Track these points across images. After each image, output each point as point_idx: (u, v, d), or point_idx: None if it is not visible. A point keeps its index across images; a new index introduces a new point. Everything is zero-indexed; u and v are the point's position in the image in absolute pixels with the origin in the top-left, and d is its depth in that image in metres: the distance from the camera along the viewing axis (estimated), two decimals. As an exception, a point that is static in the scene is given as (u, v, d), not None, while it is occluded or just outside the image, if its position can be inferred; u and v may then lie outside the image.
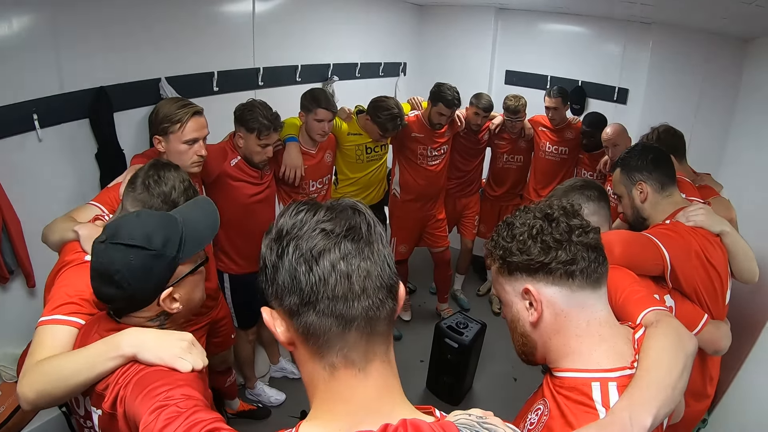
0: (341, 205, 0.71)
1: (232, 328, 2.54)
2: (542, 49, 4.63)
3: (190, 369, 1.05)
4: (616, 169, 1.86)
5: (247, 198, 2.54)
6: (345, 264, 0.65)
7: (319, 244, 0.66)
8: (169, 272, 1.14)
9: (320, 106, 2.71)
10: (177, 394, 0.93)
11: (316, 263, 0.65)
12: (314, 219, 0.68)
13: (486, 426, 0.70)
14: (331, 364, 0.69)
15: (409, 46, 4.98)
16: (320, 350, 0.69)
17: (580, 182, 1.72)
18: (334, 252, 0.66)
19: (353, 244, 0.67)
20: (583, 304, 0.98)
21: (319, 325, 0.67)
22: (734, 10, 2.66)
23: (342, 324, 0.67)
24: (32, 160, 2.18)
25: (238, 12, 3.12)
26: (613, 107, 4.23)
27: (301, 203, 0.72)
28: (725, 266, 1.71)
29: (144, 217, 1.17)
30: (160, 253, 1.10)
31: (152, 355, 1.05)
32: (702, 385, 1.80)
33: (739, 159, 3.48)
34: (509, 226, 1.03)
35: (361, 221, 0.69)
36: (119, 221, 1.16)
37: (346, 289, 0.66)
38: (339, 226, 0.67)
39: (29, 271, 2.21)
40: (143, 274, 1.09)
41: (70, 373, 1.09)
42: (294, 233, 0.68)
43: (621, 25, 4.17)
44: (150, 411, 0.89)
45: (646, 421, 0.88)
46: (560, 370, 1.00)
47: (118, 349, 1.07)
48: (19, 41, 2.07)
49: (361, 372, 0.69)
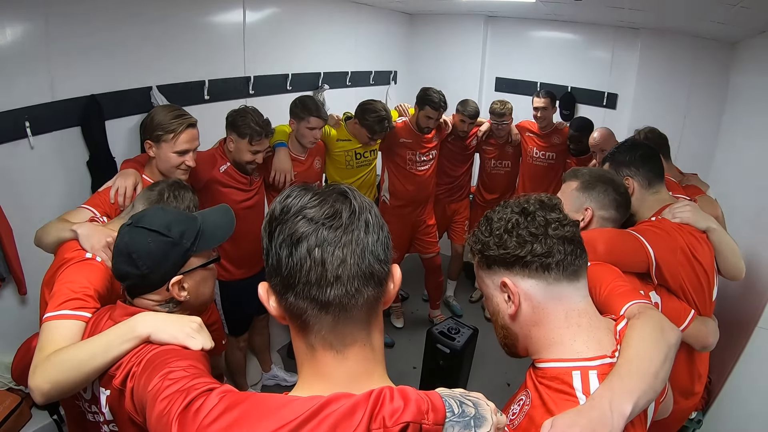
0: (330, 191, 0.74)
1: (222, 335, 2.53)
2: (531, 55, 4.68)
3: (199, 347, 1.12)
4: (605, 164, 1.87)
5: (236, 204, 2.54)
6: (320, 251, 0.68)
7: (299, 230, 0.69)
8: (182, 261, 1.23)
9: (312, 115, 2.74)
10: (185, 363, 0.99)
11: (295, 248, 0.68)
12: (299, 204, 0.71)
13: (468, 398, 0.74)
14: (311, 344, 0.74)
15: (400, 55, 5.02)
16: (302, 329, 0.73)
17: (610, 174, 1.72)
18: (311, 239, 0.68)
19: (331, 231, 0.68)
20: (561, 296, 0.99)
21: (298, 307, 0.71)
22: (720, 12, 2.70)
23: (317, 307, 0.70)
24: (24, 167, 2.20)
25: (228, 21, 3.14)
26: (602, 112, 4.28)
27: (295, 188, 0.74)
28: (711, 263, 1.72)
29: (169, 210, 1.32)
30: (176, 242, 1.20)
31: (166, 334, 1.12)
32: (690, 382, 1.81)
33: (728, 161, 3.52)
34: (488, 221, 1.05)
35: (345, 208, 0.70)
36: (146, 210, 1.30)
37: (319, 276, 0.68)
38: (320, 212, 0.69)
39: (21, 279, 2.21)
40: (158, 257, 1.19)
41: (86, 358, 1.12)
42: (281, 218, 0.71)
43: (609, 30, 4.23)
44: (159, 375, 0.94)
45: (626, 408, 0.88)
46: (541, 361, 1.01)
47: (134, 330, 1.13)
48: (11, 49, 2.08)
49: (339, 354, 0.73)
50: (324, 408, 0.65)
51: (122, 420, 1.13)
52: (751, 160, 3.00)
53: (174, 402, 0.81)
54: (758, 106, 3.04)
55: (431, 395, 0.70)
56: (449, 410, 0.69)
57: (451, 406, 0.70)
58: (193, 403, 0.78)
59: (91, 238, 1.49)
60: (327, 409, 0.65)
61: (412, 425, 0.65)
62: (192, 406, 0.77)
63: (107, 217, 1.77)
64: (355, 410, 0.65)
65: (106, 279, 1.41)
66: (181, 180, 1.79)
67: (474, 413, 0.71)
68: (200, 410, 0.75)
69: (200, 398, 0.78)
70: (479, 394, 0.77)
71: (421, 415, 0.66)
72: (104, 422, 1.20)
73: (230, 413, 0.71)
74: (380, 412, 0.65)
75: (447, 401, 0.71)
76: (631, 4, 3.02)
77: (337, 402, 0.66)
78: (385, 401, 0.66)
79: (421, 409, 0.67)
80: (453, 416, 0.69)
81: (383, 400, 0.66)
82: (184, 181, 2.13)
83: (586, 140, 3.30)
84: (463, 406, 0.71)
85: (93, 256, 1.45)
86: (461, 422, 0.70)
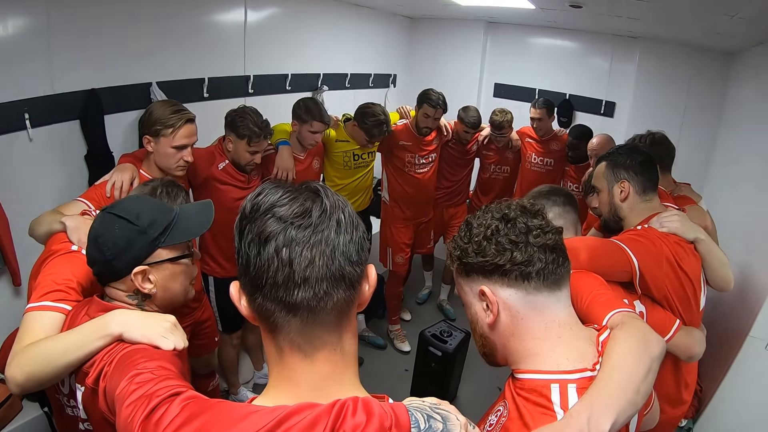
0: (302, 188, 0.71)
1: (215, 331, 2.54)
2: (531, 62, 4.70)
3: (172, 348, 1.10)
4: (601, 162, 1.83)
5: (233, 201, 2.56)
6: (287, 251, 0.66)
7: (267, 229, 0.67)
8: (147, 251, 1.22)
9: (315, 119, 2.77)
10: (153, 365, 0.98)
11: (263, 248, 0.67)
12: (269, 202, 0.68)
13: (437, 411, 0.72)
14: (279, 347, 0.72)
15: (400, 58, 5.04)
16: (271, 331, 0.72)
17: (546, 188, 1.73)
18: (279, 238, 0.66)
19: (300, 231, 0.66)
20: (541, 307, 0.96)
21: (266, 309, 0.69)
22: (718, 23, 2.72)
23: (285, 310, 0.68)
24: (22, 159, 2.21)
25: (230, 20, 3.16)
26: (600, 120, 4.29)
27: (267, 185, 0.72)
28: (698, 273, 1.69)
29: (142, 199, 1.31)
30: (142, 231, 1.20)
31: (138, 334, 1.11)
32: (677, 391, 1.80)
33: (725, 172, 3.53)
34: (468, 226, 1.01)
35: (315, 207, 0.68)
36: (123, 198, 1.32)
37: (287, 277, 0.66)
38: (290, 211, 0.67)
39: (15, 270, 2.22)
40: (123, 244, 1.18)
41: (59, 353, 1.12)
42: (250, 216, 0.69)
43: (608, 39, 4.25)
44: (127, 378, 0.93)
45: (605, 425, 0.85)
46: (520, 372, 0.98)
47: (106, 328, 1.12)
48: (13, 42, 2.10)
49: (308, 358, 0.71)
50: (285, 421, 0.64)
51: (96, 418, 1.13)
52: (747, 171, 3.01)
53: (137, 409, 0.81)
54: (755, 117, 3.05)
55: (397, 408, 0.68)
56: (414, 426, 0.68)
57: (417, 421, 0.68)
58: (156, 411, 0.78)
59: (79, 231, 1.49)
60: (288, 422, 0.64)
61: None
62: (154, 414, 0.77)
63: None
64: (316, 424, 0.64)
65: (90, 271, 1.41)
66: (175, 179, 1.79)
67: (442, 429, 0.69)
68: (161, 420, 0.75)
69: (162, 406, 0.78)
70: (452, 407, 0.74)
71: (384, 431, 0.65)
72: (81, 420, 1.20)
73: (191, 424, 0.71)
74: (342, 426, 0.64)
75: (413, 415, 0.69)
76: (630, 13, 3.04)
77: (299, 414, 0.65)
78: (347, 415, 0.65)
79: (384, 425, 0.65)
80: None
81: (345, 414, 0.65)
82: (181, 178, 2.15)
83: (584, 148, 3.31)
84: (430, 421, 0.69)
85: (79, 248, 1.46)
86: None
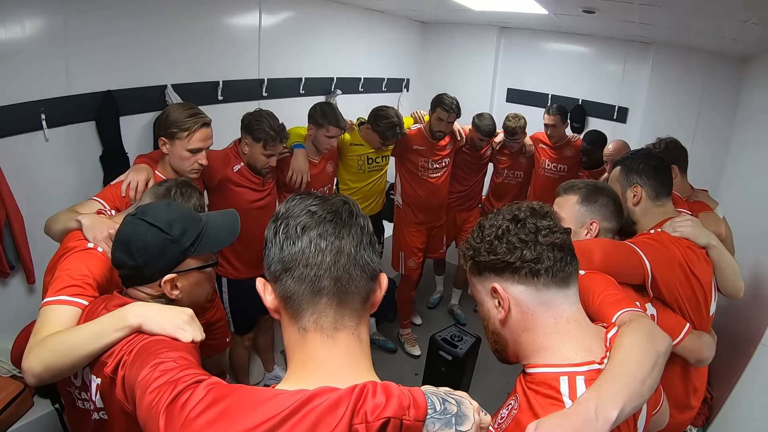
0: (332, 197, 0.83)
1: (227, 332, 2.55)
2: (543, 67, 4.70)
3: (190, 339, 1.13)
4: (616, 167, 1.86)
5: (248, 204, 2.58)
6: (321, 240, 0.76)
7: (303, 222, 0.77)
8: (178, 259, 1.24)
9: (331, 124, 2.80)
10: (176, 355, 1.00)
11: (299, 238, 0.76)
12: (304, 204, 0.80)
13: (453, 396, 0.76)
14: (303, 327, 0.78)
15: (413, 63, 5.06)
16: (296, 314, 0.78)
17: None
18: (314, 229, 0.76)
19: (332, 225, 0.77)
20: (550, 303, 1.00)
21: (295, 290, 0.77)
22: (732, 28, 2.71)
23: (313, 290, 0.76)
24: (38, 158, 2.23)
25: (244, 24, 3.20)
26: (612, 126, 4.27)
27: (298, 194, 0.84)
28: (710, 279, 1.70)
29: (173, 206, 1.31)
30: (175, 240, 1.22)
31: (156, 326, 1.13)
32: (685, 396, 1.79)
33: (738, 178, 3.50)
34: (480, 228, 1.07)
35: (345, 210, 0.80)
36: (151, 204, 1.31)
37: (319, 260, 0.76)
38: (323, 210, 0.78)
39: (30, 268, 2.24)
40: (155, 253, 1.20)
41: (78, 344, 1.14)
42: (287, 215, 0.79)
43: (621, 44, 4.24)
44: (150, 365, 0.95)
45: (612, 413, 0.89)
46: (531, 366, 1.03)
47: (125, 320, 1.14)
48: (30, 43, 2.12)
49: (330, 338, 0.78)
50: (308, 402, 0.68)
51: (112, 408, 1.14)
52: (761, 176, 2.99)
53: (162, 394, 0.83)
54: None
55: (414, 392, 0.72)
56: (431, 407, 0.72)
57: (434, 403, 0.72)
58: (181, 395, 0.80)
59: (94, 229, 1.52)
60: (311, 404, 0.68)
61: (392, 420, 0.67)
62: (179, 399, 0.79)
63: (116, 210, 1.80)
64: (338, 405, 0.67)
65: (106, 269, 1.43)
66: (190, 180, 1.81)
67: (456, 411, 0.73)
68: (187, 403, 0.77)
69: (187, 391, 0.80)
70: (464, 393, 0.78)
71: (402, 411, 0.68)
72: (94, 410, 1.21)
73: (216, 407, 0.74)
74: (362, 407, 0.67)
75: (429, 398, 0.73)
76: (643, 19, 3.03)
77: (321, 396, 0.68)
78: (368, 396, 0.68)
79: (403, 405, 0.69)
80: (434, 413, 0.71)
81: (366, 395, 0.69)
82: (196, 179, 2.16)
83: (598, 153, 3.30)
84: (445, 404, 0.73)
85: (95, 246, 1.48)
86: (442, 419, 0.72)
